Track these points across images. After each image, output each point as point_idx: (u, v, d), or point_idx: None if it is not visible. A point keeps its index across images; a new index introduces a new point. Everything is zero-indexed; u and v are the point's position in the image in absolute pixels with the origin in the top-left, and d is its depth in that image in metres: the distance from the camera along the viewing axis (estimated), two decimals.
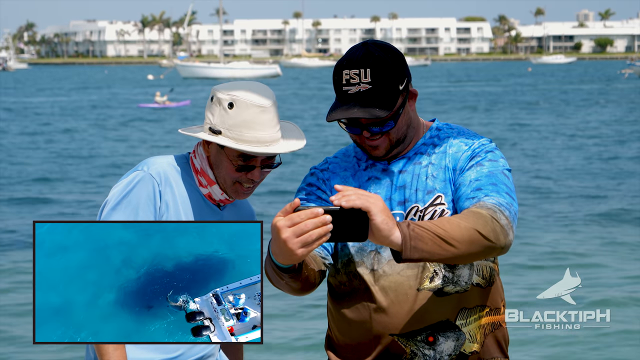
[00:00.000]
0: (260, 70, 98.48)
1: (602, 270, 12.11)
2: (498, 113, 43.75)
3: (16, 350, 9.01)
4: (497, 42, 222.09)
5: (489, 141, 3.02)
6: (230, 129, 3.13)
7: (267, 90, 3.19)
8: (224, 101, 3.15)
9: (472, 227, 2.71)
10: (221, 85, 3.22)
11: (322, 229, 2.53)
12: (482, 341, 3.01)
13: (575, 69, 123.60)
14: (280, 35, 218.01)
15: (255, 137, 3.12)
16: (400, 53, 2.98)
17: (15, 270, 12.19)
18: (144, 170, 3.19)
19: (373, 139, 2.96)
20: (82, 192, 19.97)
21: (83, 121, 41.31)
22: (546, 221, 15.77)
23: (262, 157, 3.17)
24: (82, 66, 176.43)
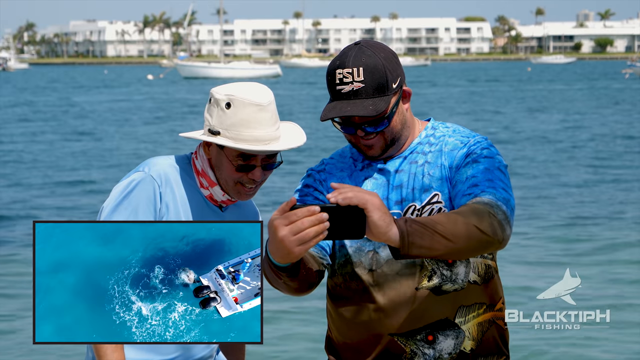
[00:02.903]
0: (260, 71, 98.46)
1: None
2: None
3: (16, 351, 9.01)
4: (497, 42, 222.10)
5: (484, 138, 3.02)
6: (228, 129, 3.13)
7: (265, 89, 3.19)
8: (221, 101, 3.15)
9: (469, 222, 2.71)
10: (219, 86, 3.22)
11: (319, 226, 2.52)
12: (481, 338, 3.02)
13: (574, 69, 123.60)
14: (280, 35, 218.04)
15: (253, 135, 3.12)
16: (393, 52, 2.99)
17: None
18: (144, 171, 3.19)
19: (367, 138, 2.96)
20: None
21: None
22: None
23: (262, 156, 3.17)
24: (82, 66, 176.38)
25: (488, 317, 3.04)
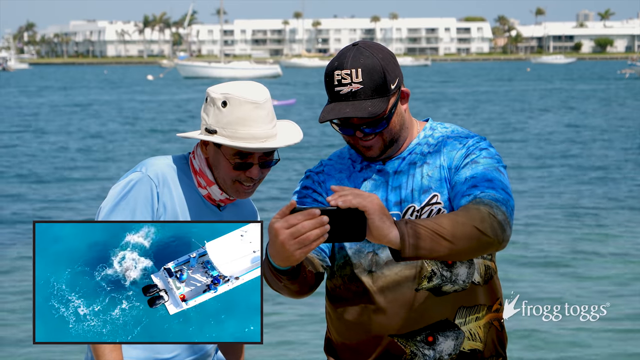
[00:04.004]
0: (261, 70, 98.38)
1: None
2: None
3: (16, 350, 9.02)
4: (497, 42, 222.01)
5: (483, 139, 3.02)
6: (225, 128, 3.13)
7: (260, 87, 3.18)
8: (217, 100, 3.14)
9: (469, 223, 2.71)
10: (215, 85, 3.22)
11: (319, 229, 2.52)
12: (481, 339, 3.01)
13: (574, 69, 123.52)
14: (280, 35, 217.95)
15: (250, 133, 3.12)
16: (391, 53, 2.98)
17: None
18: (141, 171, 3.19)
19: (366, 139, 2.95)
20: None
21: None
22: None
23: (259, 153, 3.16)
24: (82, 66, 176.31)
25: (488, 318, 3.04)
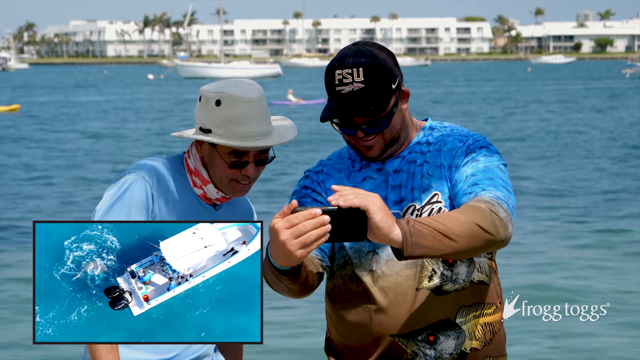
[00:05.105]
0: (261, 70, 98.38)
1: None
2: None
3: (16, 350, 9.02)
4: (497, 42, 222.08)
5: (483, 137, 3.02)
6: (219, 126, 3.11)
7: (254, 84, 3.16)
8: (211, 99, 3.13)
9: (471, 220, 2.70)
10: (208, 84, 3.20)
11: (320, 229, 2.52)
12: (481, 338, 3.01)
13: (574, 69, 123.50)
14: (280, 35, 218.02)
15: (244, 132, 3.10)
16: (391, 52, 2.98)
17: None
18: (136, 173, 3.18)
19: (367, 139, 2.95)
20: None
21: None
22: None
23: (254, 152, 3.15)
24: (82, 66, 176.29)
25: (488, 318, 3.03)
